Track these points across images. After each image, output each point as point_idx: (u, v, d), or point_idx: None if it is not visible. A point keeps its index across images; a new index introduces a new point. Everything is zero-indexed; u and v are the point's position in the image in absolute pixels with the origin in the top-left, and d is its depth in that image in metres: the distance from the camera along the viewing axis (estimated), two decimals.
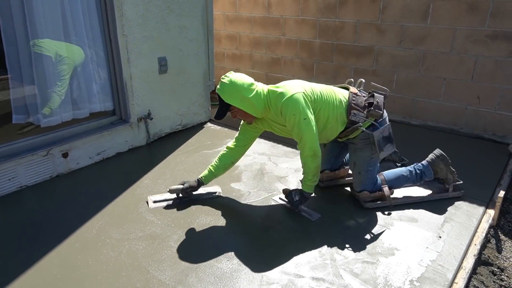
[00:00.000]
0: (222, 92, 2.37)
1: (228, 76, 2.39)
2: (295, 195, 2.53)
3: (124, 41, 3.25)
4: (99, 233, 2.37)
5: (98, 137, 3.26)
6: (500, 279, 2.19)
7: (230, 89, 2.36)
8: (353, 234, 2.37)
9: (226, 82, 2.36)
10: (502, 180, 3.01)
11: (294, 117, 2.33)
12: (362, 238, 2.32)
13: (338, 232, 2.39)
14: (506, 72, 3.60)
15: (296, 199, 2.52)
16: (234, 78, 2.37)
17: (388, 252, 2.20)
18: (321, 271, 2.05)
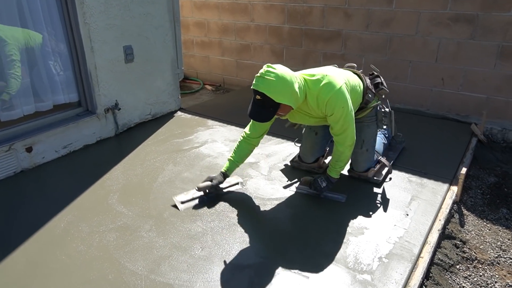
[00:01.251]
0: (270, 91, 2.05)
1: (270, 72, 2.07)
2: (322, 181, 2.51)
3: (87, 29, 3.14)
4: (68, 227, 2.31)
5: (63, 129, 3.16)
6: (463, 251, 2.30)
7: (280, 86, 2.06)
8: (323, 215, 2.42)
9: (273, 79, 2.05)
10: (465, 158, 3.12)
11: (342, 110, 2.24)
12: (332, 219, 2.37)
13: (308, 214, 2.42)
14: (468, 53, 3.71)
15: (324, 185, 2.51)
16: (280, 72, 2.08)
17: (358, 232, 2.26)
18: (292, 253, 2.09)
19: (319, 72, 2.30)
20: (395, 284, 1.88)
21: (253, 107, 2.17)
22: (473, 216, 2.63)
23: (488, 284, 2.09)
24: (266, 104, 2.10)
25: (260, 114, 2.18)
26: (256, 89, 2.09)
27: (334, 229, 2.29)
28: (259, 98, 2.10)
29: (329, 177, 2.53)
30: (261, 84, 2.07)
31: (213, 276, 1.93)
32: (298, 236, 2.22)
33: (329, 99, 2.21)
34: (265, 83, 2.06)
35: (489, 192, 2.87)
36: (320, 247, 2.14)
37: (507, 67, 3.57)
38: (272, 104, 2.10)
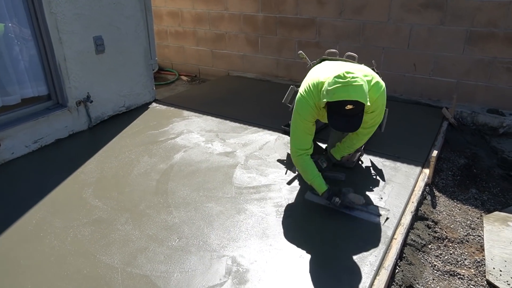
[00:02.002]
0: (363, 96, 1.93)
1: (355, 76, 1.94)
2: (322, 162, 2.53)
3: (53, 19, 3.04)
4: (40, 223, 2.26)
5: (33, 124, 3.07)
6: (434, 231, 2.37)
7: (366, 89, 1.98)
8: (299, 200, 2.44)
9: (361, 83, 1.94)
10: (437, 141, 3.21)
11: (382, 107, 2.29)
12: (308, 205, 2.40)
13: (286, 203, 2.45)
14: (438, 39, 3.78)
15: (324, 165, 2.54)
16: (359, 75, 1.97)
17: (334, 217, 2.29)
18: (273, 239, 2.11)
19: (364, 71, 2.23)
20: (370, 266, 1.93)
21: (343, 119, 1.99)
22: (444, 197, 2.71)
23: (458, 262, 2.16)
24: (358, 110, 1.96)
25: (353, 123, 2.01)
26: (349, 99, 1.91)
27: (310, 214, 2.31)
28: (351, 107, 1.92)
29: (330, 157, 2.60)
30: (353, 92, 1.91)
31: (190, 266, 1.93)
32: (275, 224, 2.24)
33: (378, 97, 2.19)
34: (357, 90, 1.92)
35: (459, 174, 2.96)
36: (297, 232, 2.16)
37: (475, 51, 3.66)
38: (363, 108, 1.98)
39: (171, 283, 1.83)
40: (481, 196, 2.73)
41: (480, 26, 3.57)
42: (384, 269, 1.94)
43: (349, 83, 1.91)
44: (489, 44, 3.59)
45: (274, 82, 4.83)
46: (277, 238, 2.12)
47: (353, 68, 2.13)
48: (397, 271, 2.03)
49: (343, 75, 1.94)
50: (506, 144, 3.45)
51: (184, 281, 1.84)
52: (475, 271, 2.10)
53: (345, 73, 1.95)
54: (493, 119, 3.66)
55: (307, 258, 1.98)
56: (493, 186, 2.84)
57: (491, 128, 3.66)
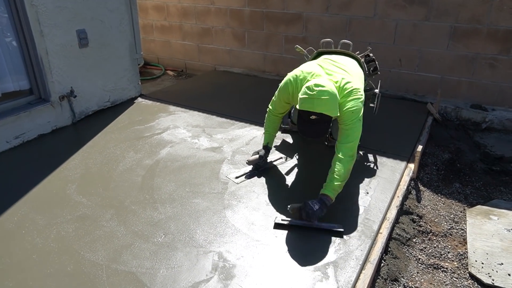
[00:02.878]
0: (329, 110, 2.08)
1: (323, 90, 2.06)
2: (314, 204, 2.10)
3: (34, 12, 2.96)
4: (22, 220, 2.22)
5: (14, 119, 3.00)
6: (419, 225, 2.40)
7: (334, 102, 2.10)
8: (286, 197, 2.45)
9: (327, 97, 2.06)
10: (421, 136, 3.24)
11: (354, 122, 2.20)
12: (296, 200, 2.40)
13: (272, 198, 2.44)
14: (423, 35, 3.82)
15: (316, 208, 2.09)
16: (330, 89, 2.09)
17: None
18: (260, 234, 2.11)
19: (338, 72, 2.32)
20: (356, 260, 1.94)
21: (308, 127, 2.16)
22: (429, 192, 2.75)
23: (441, 255, 2.20)
24: (322, 120, 2.12)
25: (318, 131, 2.19)
26: (312, 111, 2.08)
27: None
28: (315, 117, 2.10)
29: (323, 197, 2.15)
30: (317, 105, 2.08)
31: (176, 262, 1.92)
32: (262, 219, 2.23)
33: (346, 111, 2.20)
34: (322, 104, 2.08)
35: (443, 168, 3.01)
36: (284, 227, 2.16)
37: (458, 47, 3.71)
38: (328, 119, 2.14)
39: (157, 280, 1.82)
40: (464, 190, 2.78)
41: (464, 22, 3.61)
42: (370, 263, 1.96)
43: (315, 97, 2.07)
44: (473, 40, 3.64)
45: (261, 77, 4.81)
46: (264, 233, 2.12)
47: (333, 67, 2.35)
48: (383, 265, 2.05)
49: (311, 87, 2.09)
50: (489, 139, 3.51)
51: (170, 277, 1.83)
52: (458, 264, 2.14)
53: (314, 86, 2.09)
54: (476, 114, 3.72)
55: (294, 253, 1.98)
56: (476, 180, 2.89)
57: (474, 123, 3.72)
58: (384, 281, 1.98)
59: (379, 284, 1.95)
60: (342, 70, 2.37)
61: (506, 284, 1.97)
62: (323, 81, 2.16)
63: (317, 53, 2.88)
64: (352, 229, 2.15)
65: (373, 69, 2.95)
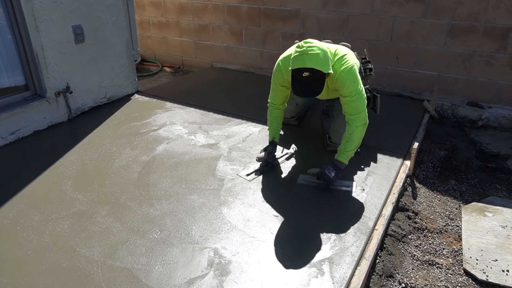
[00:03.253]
0: (320, 64, 2.10)
1: (312, 45, 2.10)
2: (330, 171, 2.34)
3: (29, 7, 2.94)
4: (17, 216, 2.21)
5: (9, 115, 2.98)
6: (415, 222, 2.41)
7: (325, 56, 2.13)
8: (282, 193, 2.45)
9: (318, 52, 2.10)
10: (418, 134, 3.25)
11: (354, 85, 2.28)
12: (291, 196, 2.41)
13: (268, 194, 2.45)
14: (420, 32, 3.82)
15: (332, 175, 2.34)
16: (319, 44, 2.14)
17: (317, 207, 2.31)
18: (255, 230, 2.11)
19: (335, 47, 2.44)
20: (351, 256, 1.95)
21: (302, 85, 2.17)
22: (425, 189, 2.75)
23: (436, 251, 2.21)
24: (315, 77, 2.12)
25: (313, 89, 2.19)
26: (304, 67, 2.09)
27: (292, 206, 2.32)
28: (307, 74, 2.10)
29: (337, 163, 2.38)
30: (308, 60, 2.08)
31: (172, 258, 1.92)
32: (258, 216, 2.24)
33: (341, 72, 2.29)
34: (312, 58, 2.08)
35: (439, 165, 3.01)
36: (280, 223, 2.17)
37: (455, 45, 3.71)
38: (321, 75, 2.14)
39: (152, 276, 1.82)
40: (460, 187, 2.79)
41: (461, 20, 3.61)
42: (365, 259, 1.96)
43: (305, 52, 2.09)
44: (469, 37, 3.64)
45: (258, 74, 4.81)
46: (260, 229, 2.12)
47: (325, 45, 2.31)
48: (378, 261, 2.06)
49: (301, 45, 2.13)
50: (484, 136, 3.52)
51: (165, 274, 1.83)
52: (453, 260, 2.15)
53: (303, 43, 2.13)
54: (472, 111, 3.73)
55: (289, 250, 1.99)
56: (471, 177, 2.90)
57: (471, 120, 3.73)
58: (379, 277, 1.98)
59: (374, 280, 1.96)
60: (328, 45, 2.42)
61: (500, 280, 1.99)
62: (313, 40, 2.19)
63: None
64: (348, 225, 2.16)
65: (368, 70, 2.96)
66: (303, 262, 1.91)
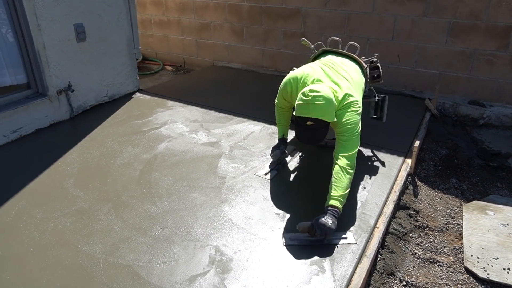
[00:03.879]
0: (325, 116, 2.05)
1: (318, 95, 2.02)
2: (327, 219, 1.96)
3: (31, 5, 2.95)
4: (20, 214, 2.22)
5: (11, 113, 2.99)
6: (416, 220, 2.41)
7: (330, 107, 2.06)
8: (283, 192, 2.45)
9: (323, 102, 2.03)
10: (419, 132, 3.25)
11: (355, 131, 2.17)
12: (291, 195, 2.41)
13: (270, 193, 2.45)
14: (422, 30, 3.82)
15: (330, 223, 1.95)
16: (326, 94, 2.05)
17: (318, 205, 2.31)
18: (256, 228, 2.11)
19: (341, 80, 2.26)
20: (352, 254, 1.95)
21: (305, 133, 2.14)
22: (426, 187, 2.76)
23: (437, 249, 2.21)
24: (319, 126, 2.09)
25: (315, 137, 2.18)
26: (308, 116, 2.05)
27: (293, 203, 2.33)
28: (311, 123, 2.07)
29: (332, 210, 2.02)
30: (313, 111, 2.05)
31: (173, 255, 1.93)
32: (259, 214, 2.24)
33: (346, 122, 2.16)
34: (317, 109, 2.04)
35: (440, 164, 3.01)
36: (281, 221, 2.17)
37: (457, 43, 3.71)
38: (325, 124, 2.10)
39: (154, 273, 1.82)
40: (461, 185, 2.79)
41: (462, 18, 3.61)
42: (366, 257, 1.97)
43: (310, 102, 2.04)
44: (471, 36, 3.64)
45: (259, 72, 4.81)
46: (261, 227, 2.12)
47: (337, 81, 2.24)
48: (379, 259, 2.06)
49: (307, 93, 2.07)
50: (486, 135, 3.52)
51: (167, 271, 1.84)
52: (453, 259, 2.15)
53: (308, 91, 2.07)
54: (474, 110, 3.72)
55: (290, 247, 1.99)
56: (472, 176, 2.90)
57: (472, 119, 3.73)
58: (380, 275, 1.99)
59: (375, 278, 1.96)
60: (344, 78, 2.29)
61: (501, 279, 1.99)
62: (319, 87, 2.10)
63: (321, 51, 2.80)
64: (349, 223, 2.16)
65: (376, 76, 2.87)
66: (304, 259, 1.91)
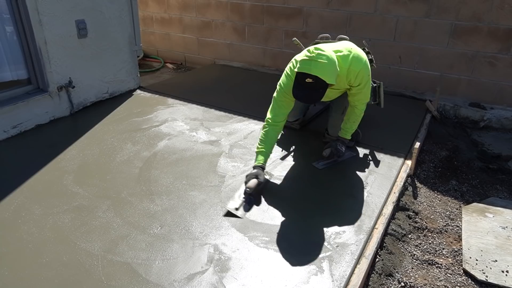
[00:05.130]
0: (325, 74, 2.07)
1: (321, 55, 2.08)
2: (341, 147, 2.69)
3: (33, 1, 2.94)
4: (18, 210, 2.22)
5: (12, 108, 2.99)
6: (415, 221, 2.41)
7: (332, 68, 2.11)
8: (284, 191, 2.45)
9: (325, 61, 2.07)
10: (419, 133, 3.24)
11: (368, 79, 2.48)
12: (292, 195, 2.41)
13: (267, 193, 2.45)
14: (424, 32, 3.81)
15: (343, 149, 2.71)
16: (329, 54, 2.11)
17: (317, 205, 2.31)
18: (255, 227, 2.11)
19: (344, 47, 2.42)
20: (351, 254, 1.95)
21: (302, 90, 2.13)
22: (425, 188, 2.75)
23: (436, 251, 2.21)
24: (318, 86, 2.09)
25: (312, 96, 2.16)
26: (309, 73, 2.06)
27: (292, 203, 2.32)
28: (310, 81, 2.07)
29: (343, 139, 2.72)
30: (314, 67, 2.06)
31: (172, 253, 1.93)
32: (258, 213, 2.24)
33: (360, 70, 2.39)
34: (319, 66, 2.06)
35: (440, 165, 3.01)
36: (280, 221, 2.17)
37: (458, 45, 3.71)
38: (324, 85, 2.10)
39: (152, 271, 1.82)
40: (461, 187, 2.79)
41: (464, 20, 3.60)
42: (365, 258, 1.96)
43: (313, 59, 2.08)
44: (473, 38, 3.63)
45: (260, 71, 4.80)
46: (260, 227, 2.12)
47: (333, 46, 2.38)
48: (378, 260, 2.06)
49: (311, 50, 2.11)
50: (486, 137, 3.52)
51: (165, 269, 1.84)
52: (452, 260, 2.15)
53: (314, 48, 2.12)
54: (474, 112, 3.72)
55: (289, 247, 1.99)
56: (472, 178, 2.90)
57: (473, 121, 3.72)
58: (379, 276, 1.99)
59: (374, 279, 1.96)
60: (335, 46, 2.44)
61: (499, 281, 1.99)
62: (324, 47, 2.18)
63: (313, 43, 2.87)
64: (348, 224, 2.16)
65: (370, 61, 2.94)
66: (302, 259, 1.91)
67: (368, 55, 2.91)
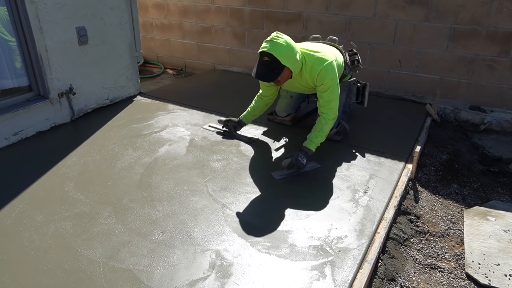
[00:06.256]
0: (279, 53, 2.36)
1: (280, 37, 2.39)
2: (302, 158, 2.58)
3: (34, 8, 2.96)
4: (20, 217, 2.21)
5: (12, 115, 2.99)
6: (416, 225, 2.41)
7: (287, 50, 2.38)
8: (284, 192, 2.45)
9: (282, 43, 2.36)
10: (420, 137, 3.25)
11: (331, 82, 2.57)
12: (291, 197, 2.41)
13: (267, 195, 2.45)
14: (423, 35, 3.82)
15: (304, 161, 2.60)
16: (287, 39, 2.40)
17: (319, 209, 2.30)
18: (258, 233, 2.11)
19: (315, 47, 2.65)
20: (353, 259, 1.95)
21: (259, 68, 2.45)
22: (427, 192, 2.75)
23: (438, 255, 2.20)
24: (272, 65, 2.39)
25: (266, 74, 2.47)
26: (266, 51, 2.37)
27: (294, 209, 2.32)
28: (267, 59, 2.38)
29: (307, 150, 2.64)
30: (271, 46, 2.36)
31: (174, 260, 1.92)
32: (260, 219, 2.24)
33: (320, 71, 2.54)
34: (275, 45, 2.36)
35: (441, 169, 3.01)
36: (282, 226, 2.17)
37: (458, 48, 3.72)
38: (278, 65, 2.39)
39: (154, 277, 1.82)
40: (462, 191, 2.79)
41: (463, 24, 3.62)
42: (367, 262, 1.96)
43: (272, 39, 2.39)
44: (472, 41, 3.64)
45: None
46: (262, 232, 2.12)
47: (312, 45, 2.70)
48: (380, 265, 2.06)
49: (274, 34, 2.42)
50: (487, 140, 3.52)
51: (167, 275, 1.83)
52: (455, 264, 2.14)
53: (276, 33, 2.42)
54: (474, 115, 3.73)
55: (291, 252, 1.98)
56: (473, 181, 2.90)
57: (473, 124, 3.73)
58: (381, 280, 1.98)
59: (376, 284, 1.96)
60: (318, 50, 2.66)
61: (502, 285, 1.98)
62: (302, 44, 2.56)
63: None
64: (350, 228, 2.16)
65: (356, 62, 3.12)
66: (304, 264, 1.91)
67: (354, 56, 3.13)
